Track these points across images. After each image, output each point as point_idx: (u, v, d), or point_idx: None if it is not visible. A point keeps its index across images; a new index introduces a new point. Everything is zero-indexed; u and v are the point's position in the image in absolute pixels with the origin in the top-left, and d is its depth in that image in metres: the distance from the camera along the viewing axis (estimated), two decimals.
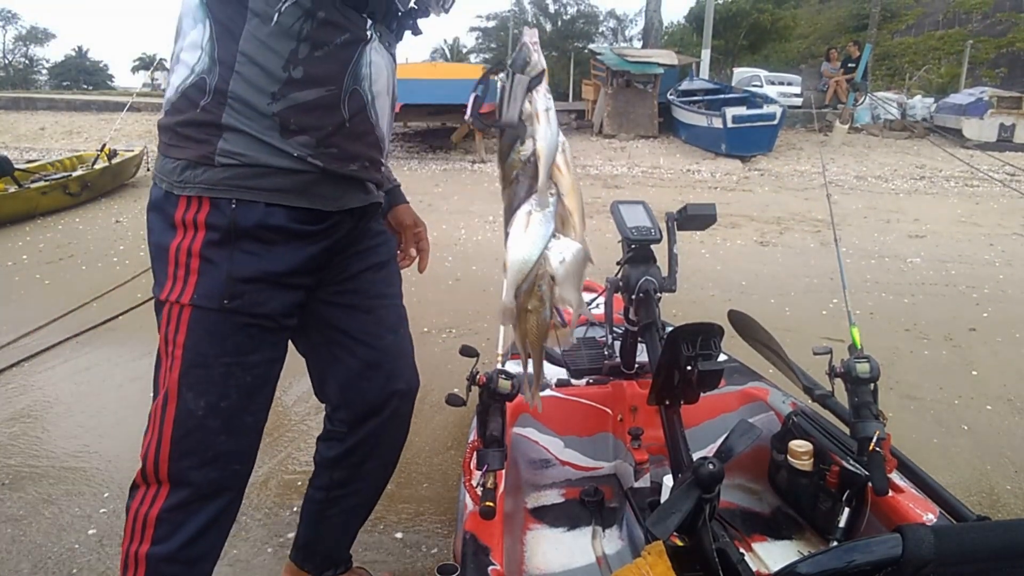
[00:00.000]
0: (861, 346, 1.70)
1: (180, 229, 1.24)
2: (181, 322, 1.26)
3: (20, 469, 2.53)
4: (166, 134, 1.25)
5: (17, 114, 14.69)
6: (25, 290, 4.70)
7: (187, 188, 1.22)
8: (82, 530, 2.19)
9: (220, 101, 1.20)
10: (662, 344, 1.45)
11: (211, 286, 1.24)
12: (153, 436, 1.29)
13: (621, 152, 11.49)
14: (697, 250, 5.94)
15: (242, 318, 1.28)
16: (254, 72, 1.19)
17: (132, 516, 1.32)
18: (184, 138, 1.22)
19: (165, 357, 1.29)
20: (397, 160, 10.94)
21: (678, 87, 13.51)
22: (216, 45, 1.19)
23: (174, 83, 1.23)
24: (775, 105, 11.21)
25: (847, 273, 5.32)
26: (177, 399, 1.27)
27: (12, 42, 50.03)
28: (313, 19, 1.20)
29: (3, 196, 6.32)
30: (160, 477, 1.30)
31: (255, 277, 1.26)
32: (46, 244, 5.87)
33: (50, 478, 2.47)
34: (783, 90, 18.45)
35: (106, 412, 2.98)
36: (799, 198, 8.30)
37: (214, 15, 1.19)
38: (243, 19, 1.19)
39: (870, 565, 0.94)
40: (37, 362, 3.48)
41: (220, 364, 1.28)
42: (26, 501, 2.33)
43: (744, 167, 10.37)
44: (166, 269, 1.26)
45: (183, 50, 1.22)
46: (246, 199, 1.22)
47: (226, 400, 1.31)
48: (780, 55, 27.24)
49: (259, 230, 1.25)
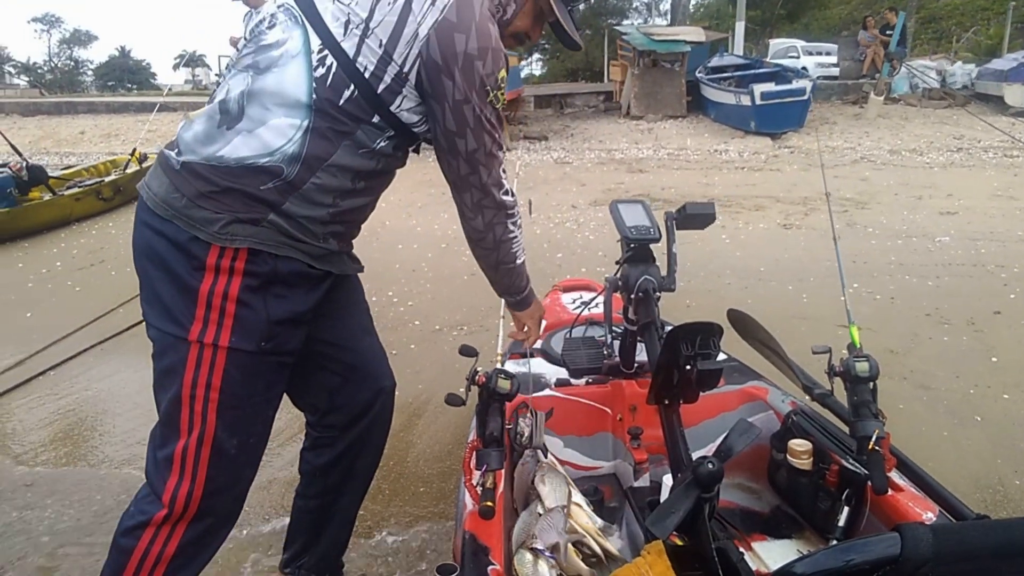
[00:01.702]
0: (860, 345, 1.68)
1: (211, 273, 1.27)
2: (216, 365, 1.30)
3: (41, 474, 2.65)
4: (205, 185, 1.26)
5: (59, 119, 15.10)
6: (57, 297, 4.88)
7: (228, 240, 1.26)
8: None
9: (288, 192, 1.28)
10: (661, 343, 1.45)
11: (250, 329, 1.30)
12: (185, 478, 1.34)
13: (648, 134, 11.35)
14: (717, 235, 5.85)
15: (275, 358, 1.37)
16: (332, 182, 1.32)
17: (139, 556, 1.35)
18: (234, 199, 1.26)
19: (192, 399, 1.31)
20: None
21: (707, 64, 13.23)
22: (307, 146, 1.27)
23: (240, 150, 1.26)
24: (805, 80, 10.92)
25: (870, 256, 5.24)
26: (213, 440, 1.34)
27: (57, 45, 51.54)
28: (397, 149, 1.39)
29: (38, 204, 6.55)
30: (187, 515, 1.36)
31: (286, 319, 1.35)
32: (79, 250, 6.08)
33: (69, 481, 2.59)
34: (821, 60, 17.96)
35: (122, 419, 3.10)
36: (828, 176, 8.08)
37: (315, 120, 1.27)
38: (342, 138, 1.30)
39: (868, 564, 0.94)
40: (63, 370, 3.63)
41: (251, 404, 1.38)
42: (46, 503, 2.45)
43: (774, 145, 10.15)
44: (193, 311, 1.28)
45: (263, 125, 1.26)
46: (283, 254, 1.31)
47: (254, 436, 1.42)
48: (821, 23, 26.38)
49: (291, 276, 1.34)
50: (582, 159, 10.03)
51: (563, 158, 10.13)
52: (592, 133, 11.84)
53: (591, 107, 13.86)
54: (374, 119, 1.31)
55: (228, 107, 1.28)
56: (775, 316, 4.03)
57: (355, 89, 1.27)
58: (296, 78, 1.26)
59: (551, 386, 2.05)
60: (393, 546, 2.22)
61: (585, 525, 1.54)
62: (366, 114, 1.30)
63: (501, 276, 1.63)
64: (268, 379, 1.39)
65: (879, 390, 1.56)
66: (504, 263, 1.58)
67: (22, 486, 2.59)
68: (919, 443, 2.66)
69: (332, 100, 1.27)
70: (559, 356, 2.20)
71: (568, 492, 1.59)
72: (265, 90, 1.27)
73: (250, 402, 1.37)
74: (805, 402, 1.88)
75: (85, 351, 3.83)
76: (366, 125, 1.31)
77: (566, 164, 9.69)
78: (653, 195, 7.42)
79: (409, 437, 2.89)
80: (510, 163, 9.67)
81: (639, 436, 1.87)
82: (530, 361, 2.22)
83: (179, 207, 1.27)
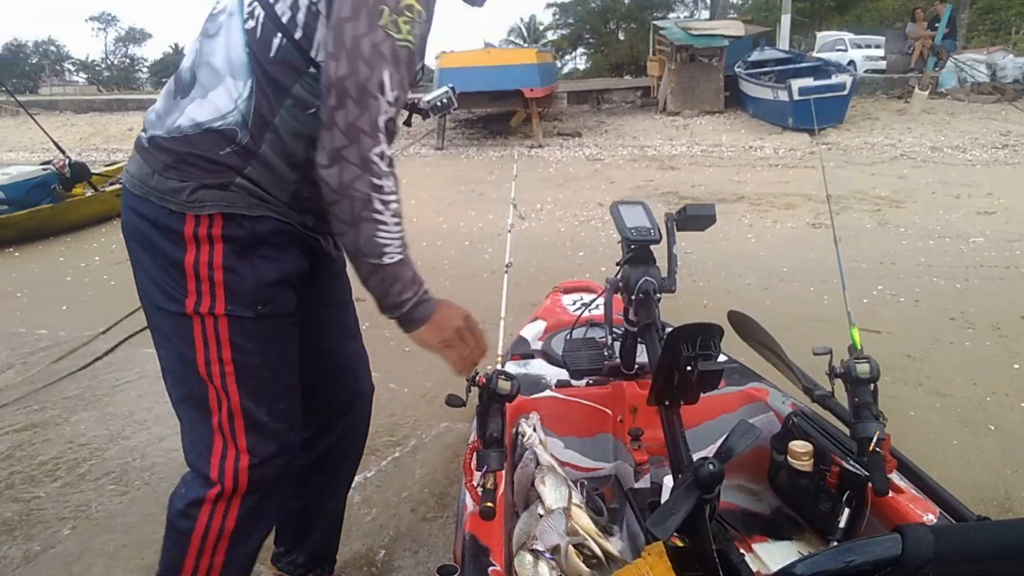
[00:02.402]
0: (861, 346, 1.67)
1: (192, 244, 1.27)
2: (221, 337, 1.30)
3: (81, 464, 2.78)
4: (169, 156, 1.26)
5: (110, 116, 15.59)
6: (93, 291, 5.07)
7: (197, 207, 1.25)
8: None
9: (247, 157, 1.26)
10: (662, 345, 1.45)
11: (243, 295, 1.30)
12: (229, 453, 1.36)
13: (683, 130, 11.24)
14: (743, 235, 5.78)
15: (276, 320, 1.36)
16: (286, 148, 1.26)
17: (200, 535, 1.39)
18: (196, 166, 1.25)
19: (210, 375, 1.32)
20: (456, 147, 11.08)
21: (747, 58, 13.00)
22: (251, 109, 1.24)
23: (194, 116, 1.25)
24: (845, 74, 10.66)
25: (898, 257, 5.12)
26: (242, 412, 1.35)
27: (113, 43, 53.23)
28: None
29: (81, 200, 6.79)
30: (239, 490, 1.38)
31: (276, 280, 1.33)
32: (118, 245, 6.19)
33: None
34: (869, 53, 17.54)
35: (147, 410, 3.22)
36: (865, 173, 7.92)
37: (257, 79, 1.23)
38: (283, 96, 1.24)
39: (869, 565, 0.94)
40: (97, 366, 3.78)
41: (267, 370, 1.38)
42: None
43: (811, 141, 9.95)
44: (184, 284, 1.28)
45: (213, 89, 1.25)
46: (257, 214, 1.29)
47: (283, 402, 1.42)
48: (873, 15, 25.67)
49: (274, 235, 1.31)
50: (614, 156, 9.99)
51: (595, 155, 10.10)
52: (627, 129, 11.76)
53: (628, 103, 13.77)
54: (309, 70, 1.22)
55: (182, 77, 1.30)
56: (792, 318, 3.99)
57: (282, 37, 1.21)
58: (235, 37, 1.24)
59: (551, 387, 2.05)
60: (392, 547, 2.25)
61: (586, 527, 1.55)
62: (300, 65, 1.22)
63: (366, 274, 1.25)
64: (277, 343, 1.38)
65: (884, 393, 1.55)
66: (365, 255, 1.22)
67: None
68: (926, 450, 2.60)
69: (264, 54, 1.22)
70: (560, 357, 2.20)
71: (568, 493, 1.60)
72: (213, 54, 1.26)
73: (265, 369, 1.36)
74: (806, 404, 1.86)
75: (115, 347, 3.98)
76: (304, 79, 1.23)
77: (597, 161, 9.66)
78: (682, 192, 7.36)
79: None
80: (544, 160, 9.69)
81: (640, 437, 1.86)
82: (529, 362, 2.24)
83: (151, 183, 1.27)
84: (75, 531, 2.35)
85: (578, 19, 34.77)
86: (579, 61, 35.85)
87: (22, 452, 2.87)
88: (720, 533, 1.30)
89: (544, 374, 2.16)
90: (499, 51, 11.80)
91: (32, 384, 3.51)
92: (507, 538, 1.44)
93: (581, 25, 34.71)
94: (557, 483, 1.61)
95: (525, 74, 10.28)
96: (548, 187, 7.89)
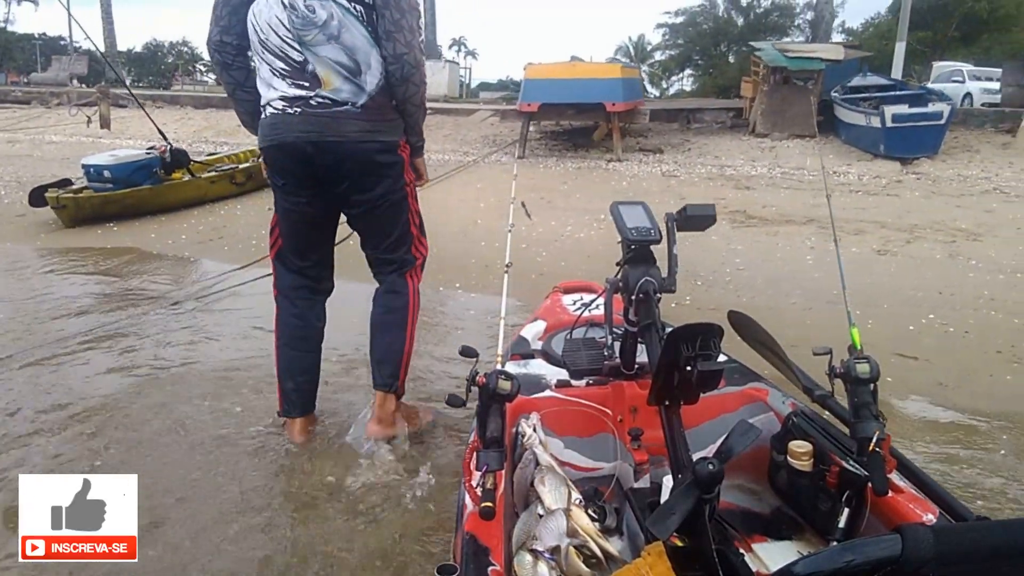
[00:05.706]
0: (861, 347, 1.71)
1: (404, 152, 2.46)
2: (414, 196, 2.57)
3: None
4: (384, 111, 2.33)
5: (225, 112, 16.53)
6: (168, 264, 5.59)
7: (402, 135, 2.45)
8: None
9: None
10: (662, 345, 1.45)
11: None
12: (423, 247, 2.69)
13: (768, 152, 11.00)
14: (802, 256, 5.68)
15: None
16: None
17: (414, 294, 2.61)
18: (393, 110, 2.37)
19: (416, 200, 2.58)
20: (536, 157, 11.26)
21: (847, 83, 12.58)
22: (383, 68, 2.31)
23: (377, 81, 2.27)
24: (943, 103, 10.17)
25: (960, 289, 4.92)
26: (419, 224, 2.66)
27: None
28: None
29: (177, 184, 7.35)
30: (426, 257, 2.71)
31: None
32: (205, 227, 6.80)
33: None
34: (988, 86, 16.70)
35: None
36: (950, 205, 7.56)
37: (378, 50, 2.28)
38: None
39: (869, 565, 0.94)
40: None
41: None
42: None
43: (901, 170, 9.55)
44: (403, 174, 2.44)
45: (372, 58, 2.25)
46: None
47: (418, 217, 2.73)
48: (1005, 47, 24.16)
49: None
50: (690, 173, 9.89)
51: (671, 171, 10.03)
52: (710, 148, 11.62)
53: (719, 123, 13.58)
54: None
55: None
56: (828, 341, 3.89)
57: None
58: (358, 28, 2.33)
59: (551, 387, 2.07)
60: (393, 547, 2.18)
61: (585, 527, 1.56)
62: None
63: (421, 117, 2.46)
64: None
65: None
66: (423, 105, 2.43)
67: None
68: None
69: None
70: (560, 357, 2.24)
71: (568, 493, 1.61)
72: (357, 35, 2.30)
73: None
74: (806, 404, 1.88)
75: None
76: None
77: (673, 177, 9.60)
78: (750, 212, 7.26)
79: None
80: (619, 173, 9.71)
81: (639, 437, 1.87)
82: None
83: (382, 129, 2.39)
84: None
85: (688, 40, 34.41)
86: (686, 82, 35.34)
87: None
88: (720, 533, 1.32)
89: (544, 374, 2.19)
90: (584, 64, 11.93)
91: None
92: (507, 538, 1.45)
93: (691, 46, 34.31)
94: (557, 483, 1.62)
95: (608, 88, 10.32)
96: (615, 199, 7.91)
